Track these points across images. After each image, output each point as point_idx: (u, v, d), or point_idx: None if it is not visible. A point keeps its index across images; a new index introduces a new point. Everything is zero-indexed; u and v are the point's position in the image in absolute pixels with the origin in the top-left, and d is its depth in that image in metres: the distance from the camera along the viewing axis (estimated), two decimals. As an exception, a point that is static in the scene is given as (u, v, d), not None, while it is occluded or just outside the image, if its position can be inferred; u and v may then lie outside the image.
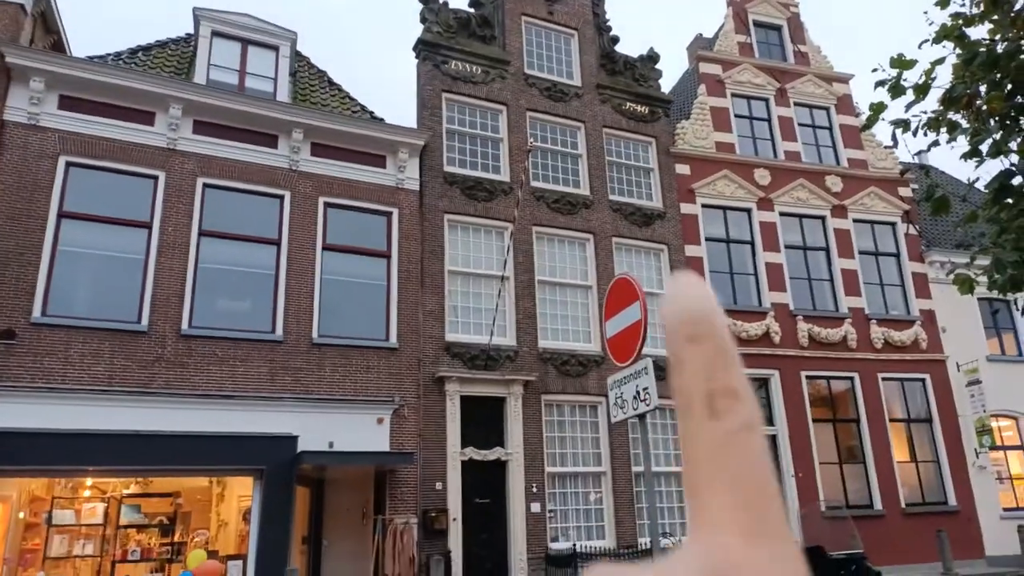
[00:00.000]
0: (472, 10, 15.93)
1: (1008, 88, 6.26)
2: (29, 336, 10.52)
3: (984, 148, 6.27)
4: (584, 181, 15.66)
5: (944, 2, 6.59)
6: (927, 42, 6.55)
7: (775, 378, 15.67)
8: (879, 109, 6.72)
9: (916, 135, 6.68)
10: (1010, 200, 6.29)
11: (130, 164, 11.86)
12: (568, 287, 14.77)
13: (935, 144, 6.78)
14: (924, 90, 6.45)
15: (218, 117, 12.59)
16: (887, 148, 18.78)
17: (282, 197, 12.78)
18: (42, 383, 10.40)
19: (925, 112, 6.68)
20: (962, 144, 6.51)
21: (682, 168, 16.74)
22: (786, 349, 15.94)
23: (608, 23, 17.45)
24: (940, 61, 6.43)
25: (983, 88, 6.30)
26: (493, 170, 14.86)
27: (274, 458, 11.02)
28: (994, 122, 6.29)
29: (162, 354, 11.18)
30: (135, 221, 11.69)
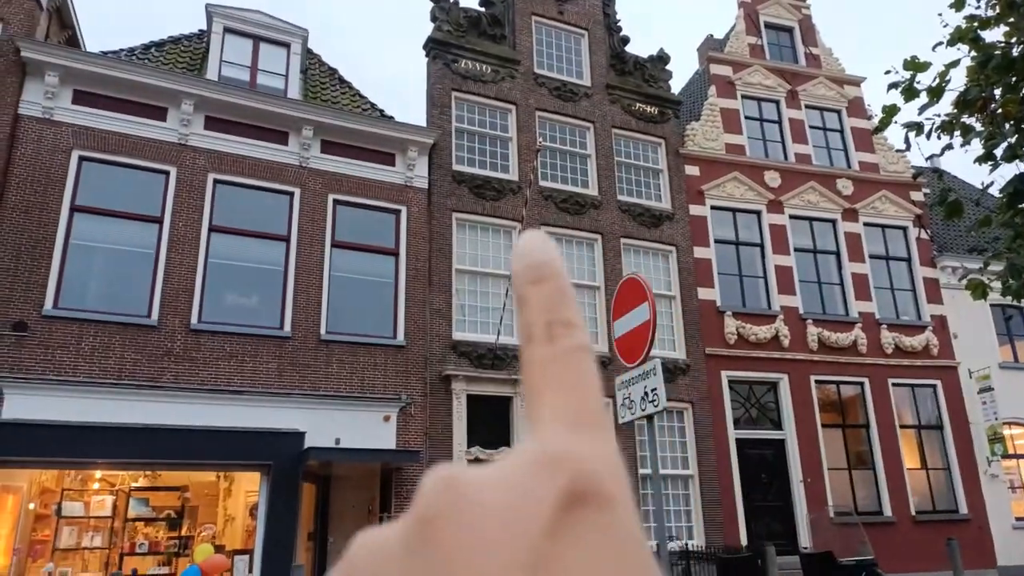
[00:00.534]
0: (482, 9, 15.92)
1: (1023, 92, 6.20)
2: (41, 328, 10.59)
3: (999, 152, 6.22)
4: (593, 181, 15.63)
5: (959, 4, 6.54)
6: (941, 44, 6.51)
7: (784, 382, 15.59)
8: (892, 112, 6.68)
9: (929, 138, 6.62)
10: (1024, 205, 6.23)
11: (142, 159, 11.92)
12: (576, 287, 14.70)
13: (948, 148, 6.73)
14: (938, 93, 6.40)
15: (229, 113, 12.64)
16: (899, 152, 18.61)
17: (292, 194, 12.82)
18: (53, 375, 10.47)
19: (939, 115, 6.64)
20: (976, 148, 6.46)
21: (691, 169, 16.68)
22: (795, 353, 15.85)
23: (618, 23, 17.42)
24: (955, 64, 6.38)
25: (998, 91, 6.25)
26: (502, 169, 14.86)
27: (281, 454, 11.05)
28: (1009, 126, 6.24)
29: (171, 348, 11.23)
30: (146, 216, 11.76)
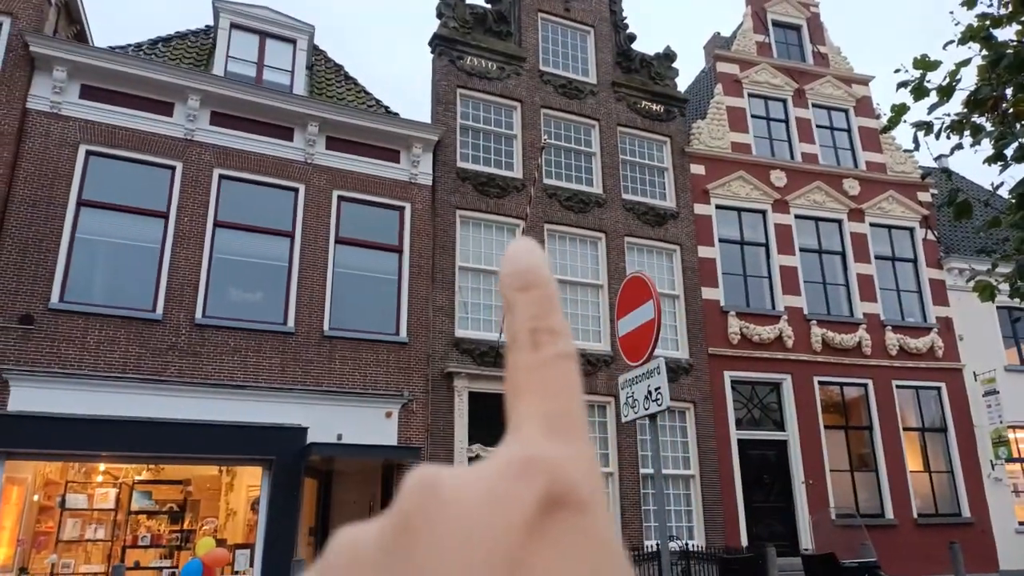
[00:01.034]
0: (489, 6, 15.89)
1: (1034, 92, 6.15)
2: (47, 322, 10.62)
3: (1009, 152, 6.17)
4: (597, 179, 15.60)
5: (971, 2, 6.49)
6: (952, 43, 6.46)
7: (787, 382, 15.54)
8: (901, 111, 6.64)
9: (938, 138, 6.57)
10: (1033, 206, 6.18)
11: (148, 154, 11.94)
12: (579, 286, 14.73)
13: (958, 147, 6.68)
14: (948, 92, 6.36)
15: (235, 109, 12.65)
16: (907, 152, 18.54)
17: (296, 190, 12.82)
18: (58, 368, 10.50)
19: (948, 115, 6.59)
20: (986, 148, 6.41)
21: (697, 168, 16.63)
22: (799, 354, 15.80)
23: (625, 20, 17.36)
24: (966, 63, 6.33)
25: (1010, 91, 6.20)
26: (506, 167, 14.83)
27: (283, 449, 11.06)
28: (1020, 126, 6.19)
29: (176, 343, 11.25)
30: (152, 210, 11.77)
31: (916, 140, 6.51)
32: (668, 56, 17.44)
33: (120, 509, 12.16)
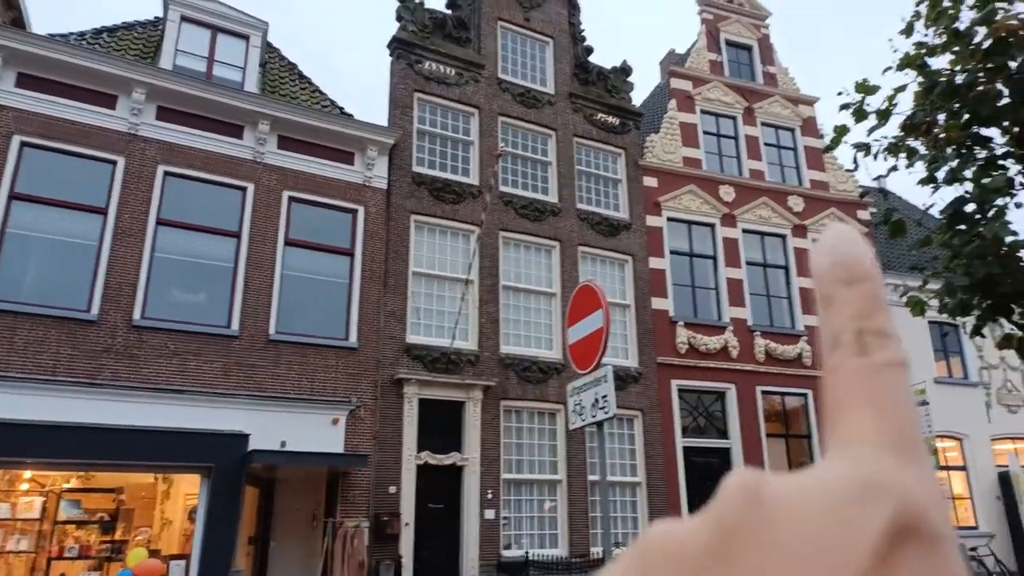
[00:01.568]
0: (449, 12, 15.88)
1: (966, 118, 6.43)
2: (-29, 320, 10.13)
3: (940, 175, 6.44)
4: (553, 189, 15.70)
5: (908, 31, 6.76)
6: (890, 69, 6.71)
7: (731, 392, 15.87)
8: (842, 132, 6.87)
9: (876, 159, 6.84)
10: (963, 227, 6.46)
11: (88, 147, 11.53)
12: (532, 293, 14.77)
13: (894, 169, 6.94)
14: (886, 115, 6.60)
15: (183, 104, 12.33)
16: (848, 171, 19.18)
17: (245, 189, 12.55)
18: (-17, 369, 10.02)
19: (886, 137, 6.84)
20: (920, 170, 6.68)
21: (650, 181, 16.90)
22: (743, 364, 16.16)
23: (583, 33, 17.56)
24: (902, 88, 6.59)
25: (942, 116, 6.47)
26: (463, 173, 14.81)
27: (223, 456, 10.77)
28: (951, 150, 6.46)
29: (111, 345, 10.86)
30: (90, 206, 11.36)
31: (855, 160, 6.74)
32: (624, 70, 17.70)
33: (46, 519, 11.63)
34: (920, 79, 6.60)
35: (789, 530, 0.23)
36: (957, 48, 6.48)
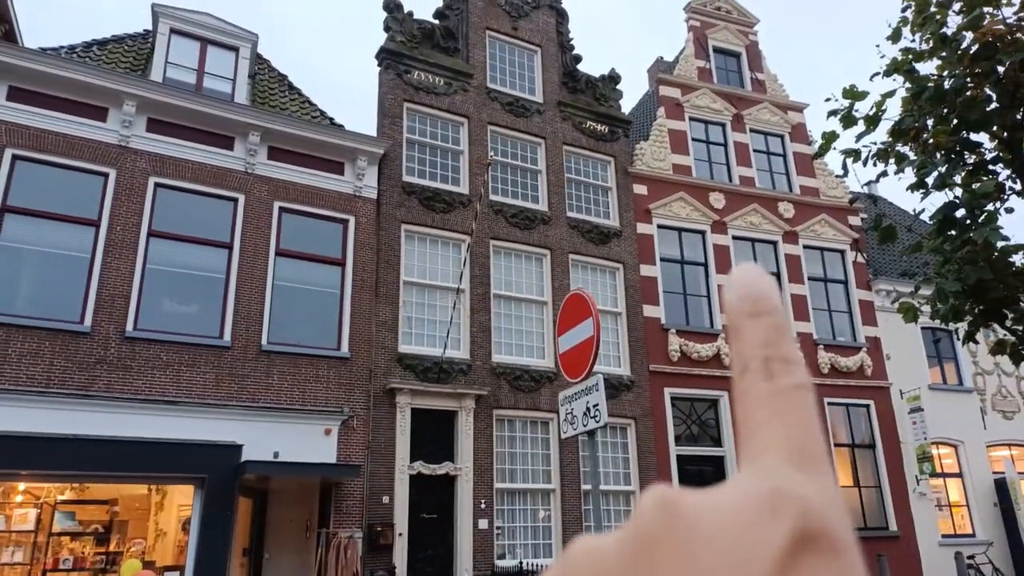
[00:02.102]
0: (436, 21, 15.93)
1: (954, 123, 6.48)
2: (-39, 333, 10.07)
3: (930, 180, 6.48)
4: (543, 197, 15.73)
5: (896, 36, 6.82)
6: (878, 75, 6.76)
7: (724, 399, 15.86)
8: (831, 138, 6.91)
9: (866, 165, 6.87)
10: (953, 232, 6.50)
11: (80, 160, 11.50)
12: (524, 302, 14.78)
13: (883, 175, 6.99)
14: (874, 121, 6.65)
15: (173, 116, 12.32)
16: (838, 177, 19.33)
17: (236, 200, 12.53)
18: (-27, 383, 9.94)
19: (875, 143, 6.89)
20: (909, 176, 6.73)
21: (639, 188, 16.94)
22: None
23: (571, 42, 17.64)
24: (891, 94, 6.64)
25: (930, 122, 6.52)
26: (452, 182, 14.83)
27: (216, 467, 10.71)
28: (940, 155, 6.51)
29: (104, 356, 10.81)
30: (82, 219, 11.33)
31: (845, 166, 6.78)
32: (612, 78, 17.78)
33: (41, 531, 11.56)
34: (908, 84, 6.66)
35: (703, 542, 0.25)
36: (944, 53, 6.54)
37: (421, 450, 12.66)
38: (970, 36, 6.34)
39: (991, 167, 6.64)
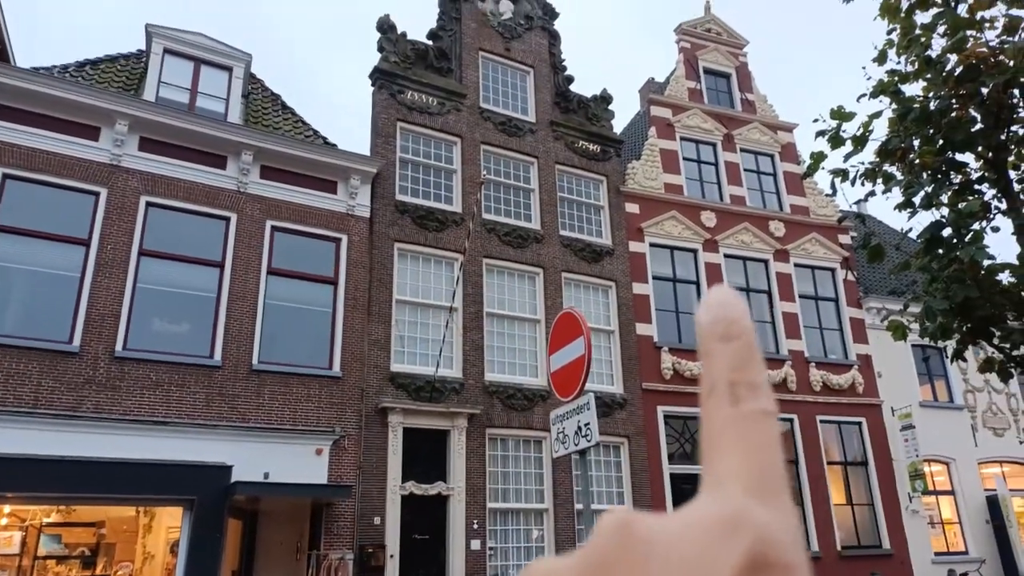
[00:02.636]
0: (430, 42, 16.06)
1: (939, 143, 6.57)
2: (-52, 353, 9.98)
3: (917, 200, 6.55)
4: (536, 215, 15.79)
5: (882, 59, 6.92)
6: (865, 96, 6.85)
7: (718, 417, 15.84)
8: (819, 158, 6.98)
9: (854, 185, 6.94)
10: (940, 251, 6.55)
11: (71, 179, 11.49)
12: (516, 320, 14.77)
13: (872, 194, 7.06)
14: (861, 142, 6.72)
15: (166, 135, 12.33)
16: (827, 196, 19.46)
17: (228, 219, 12.52)
18: (-41, 404, 9.84)
19: (863, 163, 6.96)
20: (897, 195, 6.79)
21: (631, 207, 17.04)
22: (729, 389, 16.13)
23: (563, 63, 17.81)
24: (877, 115, 6.72)
25: (916, 142, 6.60)
26: (445, 200, 14.87)
27: (206, 488, 10.60)
28: (926, 175, 6.58)
29: (93, 376, 10.72)
30: (72, 238, 11.29)
31: (833, 186, 6.84)
32: (604, 98, 17.94)
33: (26, 554, 11.41)
34: (894, 106, 6.74)
35: (660, 564, 0.25)
36: (929, 75, 6.64)
37: (413, 470, 12.58)
38: (954, 58, 6.44)
39: (976, 187, 6.72)
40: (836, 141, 6.80)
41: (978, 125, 6.50)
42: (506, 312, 14.67)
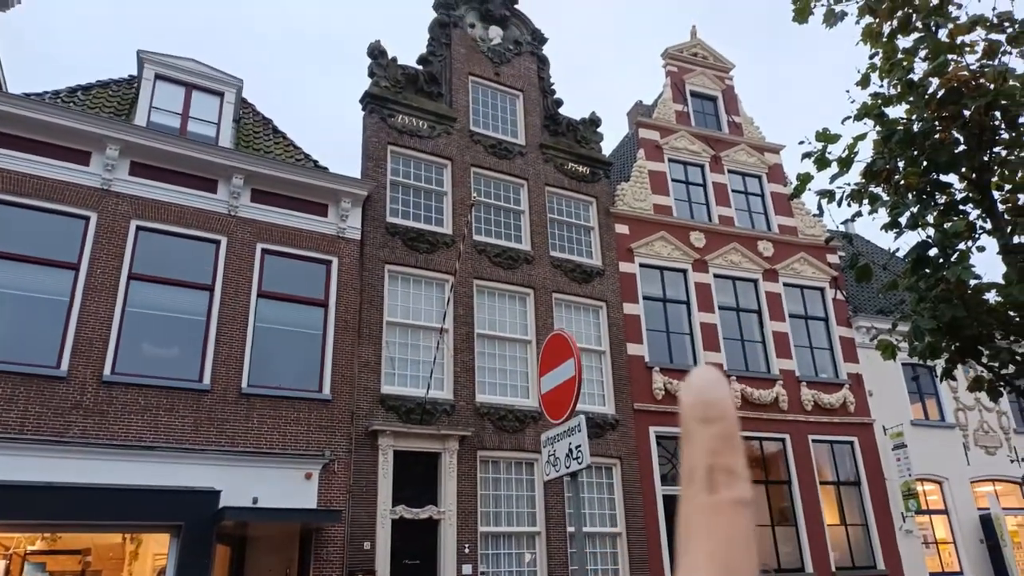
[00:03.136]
0: (420, 67, 16.20)
1: (924, 165, 6.66)
2: (-67, 379, 9.87)
3: (903, 220, 6.61)
4: (526, 237, 15.85)
5: (865, 82, 7.03)
6: (849, 119, 6.95)
7: (710, 437, 15.81)
8: (806, 180, 7.06)
9: (840, 206, 7.01)
10: (927, 270, 6.61)
11: (61, 203, 11.47)
12: (507, 341, 14.76)
13: (858, 215, 7.13)
14: (847, 163, 6.81)
15: (157, 159, 12.35)
16: (815, 216, 19.67)
17: (218, 242, 12.50)
18: (-57, 430, 9.71)
19: (848, 184, 7.04)
20: (883, 216, 6.86)
21: (621, 228, 17.13)
22: (720, 409, 16.12)
23: (552, 86, 17.99)
24: (862, 137, 6.81)
25: (901, 164, 6.69)
26: (436, 223, 14.91)
27: (194, 514, 10.47)
28: (911, 196, 6.66)
29: (81, 401, 10.62)
30: (62, 262, 11.24)
31: (820, 207, 6.91)
32: (593, 121, 18.10)
33: (8, 583, 11.18)
34: (878, 128, 6.84)
35: None
36: (912, 98, 6.75)
37: (404, 493, 12.47)
38: (936, 82, 6.55)
39: (961, 207, 6.80)
40: (822, 162, 6.88)
41: (961, 147, 6.60)
42: (497, 333, 14.66)
